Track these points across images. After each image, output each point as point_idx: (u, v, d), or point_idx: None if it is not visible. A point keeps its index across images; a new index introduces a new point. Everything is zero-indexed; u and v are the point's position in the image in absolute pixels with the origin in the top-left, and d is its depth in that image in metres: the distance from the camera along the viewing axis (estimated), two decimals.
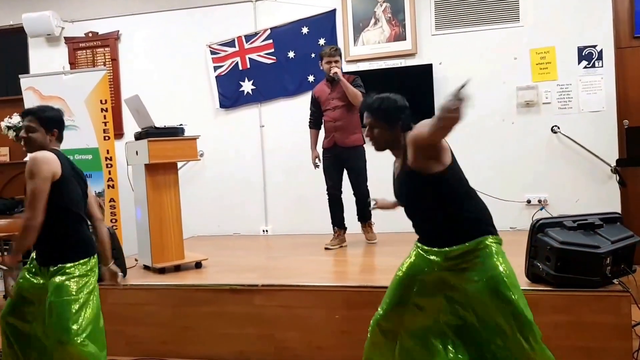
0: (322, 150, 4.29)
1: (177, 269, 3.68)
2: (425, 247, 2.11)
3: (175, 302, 3.27)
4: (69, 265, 2.40)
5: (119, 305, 3.30)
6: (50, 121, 2.47)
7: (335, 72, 4.06)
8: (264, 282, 3.24)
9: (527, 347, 1.93)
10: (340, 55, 4.19)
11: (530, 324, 1.95)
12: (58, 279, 2.38)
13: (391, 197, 2.25)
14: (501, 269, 1.97)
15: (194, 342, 3.22)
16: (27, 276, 2.49)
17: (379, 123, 2.06)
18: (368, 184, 4.22)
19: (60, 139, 2.53)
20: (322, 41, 5.13)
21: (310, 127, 4.37)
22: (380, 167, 2.92)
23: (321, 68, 4.21)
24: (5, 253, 4.71)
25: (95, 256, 2.53)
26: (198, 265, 3.77)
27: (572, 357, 2.68)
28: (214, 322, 3.19)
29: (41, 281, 2.45)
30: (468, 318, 2.04)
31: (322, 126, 4.31)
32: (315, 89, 4.34)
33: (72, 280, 2.39)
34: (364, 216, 4.31)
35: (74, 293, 2.37)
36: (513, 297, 1.94)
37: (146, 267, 3.76)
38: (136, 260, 3.91)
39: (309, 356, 3.05)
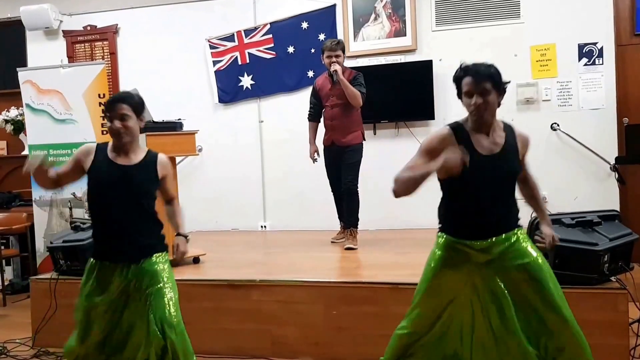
0: (322, 147, 4.24)
1: (175, 264, 3.66)
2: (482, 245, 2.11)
3: None
4: (163, 253, 2.40)
5: None
6: (140, 106, 2.28)
7: (335, 71, 3.90)
8: (261, 277, 3.24)
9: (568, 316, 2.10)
10: (342, 50, 4.01)
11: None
12: (158, 267, 2.32)
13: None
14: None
15: (191, 337, 3.17)
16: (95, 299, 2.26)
17: (495, 90, 2.02)
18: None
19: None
20: (322, 36, 5.11)
21: (309, 120, 4.28)
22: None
23: (323, 62, 4.08)
24: (3, 247, 4.71)
25: None
26: (196, 260, 3.76)
27: None
28: (212, 317, 3.19)
29: (113, 296, 2.25)
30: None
31: (322, 121, 4.24)
32: (318, 80, 4.22)
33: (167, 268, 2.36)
34: (347, 219, 4.15)
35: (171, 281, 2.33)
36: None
37: None
38: None
39: (306, 352, 3.05)
